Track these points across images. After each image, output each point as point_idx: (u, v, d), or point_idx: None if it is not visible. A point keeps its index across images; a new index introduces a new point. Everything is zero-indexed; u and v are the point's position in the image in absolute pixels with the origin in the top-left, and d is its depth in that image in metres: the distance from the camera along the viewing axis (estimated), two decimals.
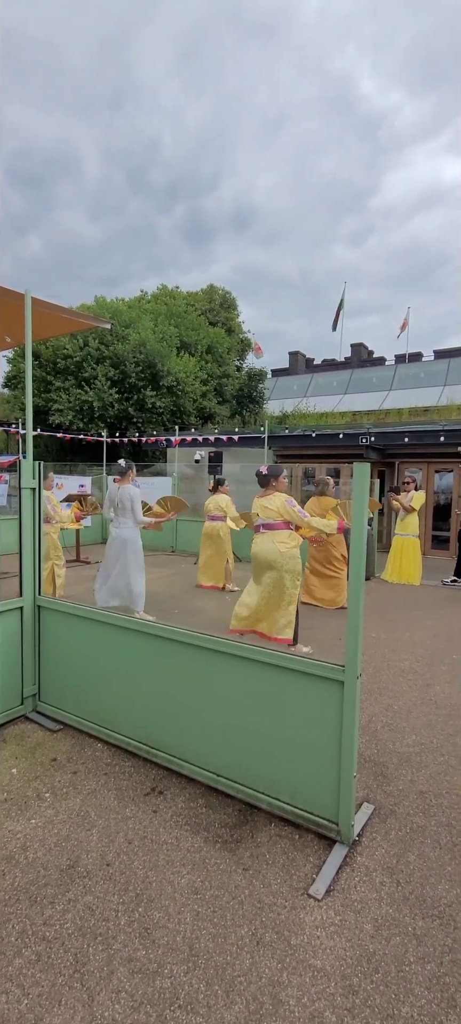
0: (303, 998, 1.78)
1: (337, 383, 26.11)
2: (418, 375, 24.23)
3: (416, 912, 2.15)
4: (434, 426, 13.67)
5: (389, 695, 4.36)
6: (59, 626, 3.68)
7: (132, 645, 3.25)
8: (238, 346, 27.30)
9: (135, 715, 3.27)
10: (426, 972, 1.89)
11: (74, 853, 2.42)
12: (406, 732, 3.72)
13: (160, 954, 1.92)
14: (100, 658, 3.43)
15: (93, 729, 3.48)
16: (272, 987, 1.81)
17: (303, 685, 2.59)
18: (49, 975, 1.83)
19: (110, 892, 2.20)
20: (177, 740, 3.08)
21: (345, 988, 1.82)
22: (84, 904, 2.14)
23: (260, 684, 2.74)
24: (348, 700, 2.45)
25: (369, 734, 3.67)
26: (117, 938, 1.99)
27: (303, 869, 2.37)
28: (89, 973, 1.84)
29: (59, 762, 3.18)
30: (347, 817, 2.49)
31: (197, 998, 1.76)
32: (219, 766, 2.91)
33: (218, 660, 2.88)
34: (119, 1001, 1.75)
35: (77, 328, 7.15)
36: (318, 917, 2.11)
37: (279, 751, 2.69)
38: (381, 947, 1.99)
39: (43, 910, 2.10)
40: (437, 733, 3.72)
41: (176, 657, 3.05)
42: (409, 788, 3.04)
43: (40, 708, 3.80)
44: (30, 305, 3.76)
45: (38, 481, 3.73)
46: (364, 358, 29.13)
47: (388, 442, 14.04)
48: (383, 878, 2.34)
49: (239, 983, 1.82)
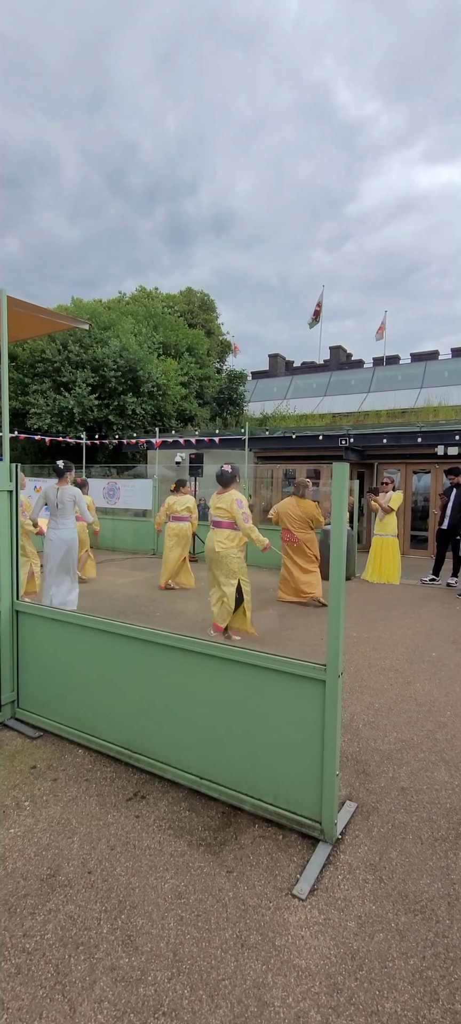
0: (288, 999, 1.77)
1: (316, 385, 26.32)
2: (396, 378, 24.57)
3: (399, 908, 2.17)
4: (412, 428, 13.88)
5: (370, 693, 4.39)
6: (38, 631, 3.62)
7: (113, 648, 3.22)
8: (218, 348, 27.33)
9: (116, 720, 3.23)
10: (409, 967, 1.90)
11: (55, 862, 2.38)
12: (387, 730, 3.76)
13: (143, 961, 1.90)
14: (80, 662, 3.39)
15: (74, 735, 3.43)
16: (257, 989, 1.80)
17: (285, 685, 2.59)
18: (29, 988, 1.79)
19: (92, 900, 2.17)
20: (159, 744, 3.05)
21: (329, 987, 1.82)
22: (65, 913, 2.10)
23: (242, 685, 2.73)
24: (330, 699, 2.46)
25: (351, 732, 3.69)
26: (99, 947, 1.95)
27: (287, 869, 2.36)
28: (71, 984, 1.81)
29: (39, 770, 3.13)
30: (330, 816, 2.50)
31: (181, 1004, 1.75)
32: (202, 769, 2.89)
33: (199, 662, 2.87)
34: (102, 1011, 1.72)
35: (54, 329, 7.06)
36: (302, 917, 2.11)
37: (262, 752, 2.69)
38: (365, 944, 1.99)
39: (23, 921, 2.06)
40: (418, 730, 3.76)
41: (157, 660, 3.03)
42: (391, 785, 3.07)
43: (19, 715, 3.73)
44: (6, 304, 3.70)
45: (15, 484, 3.66)
46: (343, 361, 29.42)
47: (367, 443, 14.21)
48: (366, 875, 2.35)
49: (224, 987, 1.81)
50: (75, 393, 17.84)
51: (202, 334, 24.54)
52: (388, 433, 13.81)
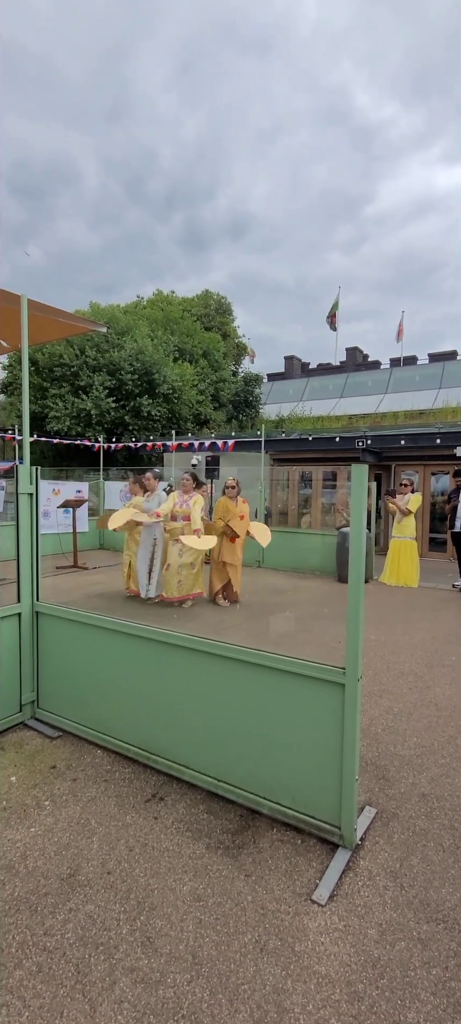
0: (308, 1005, 1.76)
1: (333, 387, 26.18)
2: (413, 378, 24.32)
3: (420, 916, 2.14)
4: (430, 429, 13.72)
5: (389, 697, 4.34)
6: (57, 632, 3.65)
7: (131, 650, 3.23)
8: (234, 351, 27.36)
9: (134, 721, 3.25)
10: (432, 977, 1.87)
11: (75, 861, 2.39)
12: (407, 735, 3.71)
13: (163, 963, 1.90)
14: (99, 663, 3.41)
15: (92, 736, 3.45)
16: (277, 995, 1.79)
17: (304, 688, 2.57)
18: (50, 986, 1.81)
19: (111, 901, 2.17)
20: (177, 745, 3.06)
21: (350, 995, 1.80)
22: (85, 913, 2.11)
23: (260, 687, 2.72)
24: (349, 703, 2.43)
25: (370, 737, 3.65)
26: (119, 947, 1.96)
27: (306, 874, 2.35)
28: (91, 984, 1.82)
29: (58, 769, 3.15)
30: (349, 821, 2.48)
31: (201, 1007, 1.74)
32: (220, 771, 2.89)
33: (217, 664, 2.87)
34: (122, 1012, 1.72)
35: (73, 332, 7.14)
36: (322, 923, 2.09)
37: (280, 755, 2.67)
38: (386, 952, 1.97)
39: (44, 920, 2.08)
40: (438, 735, 3.71)
41: (174, 661, 3.03)
42: (411, 791, 3.03)
43: (39, 715, 3.77)
44: (26, 308, 3.75)
45: (35, 487, 3.70)
46: (359, 362, 29.23)
47: (384, 445, 14.07)
48: (386, 882, 2.32)
49: (243, 991, 1.80)
50: (92, 396, 18.02)
51: (218, 337, 24.59)
52: (406, 435, 13.66)
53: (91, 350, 18.51)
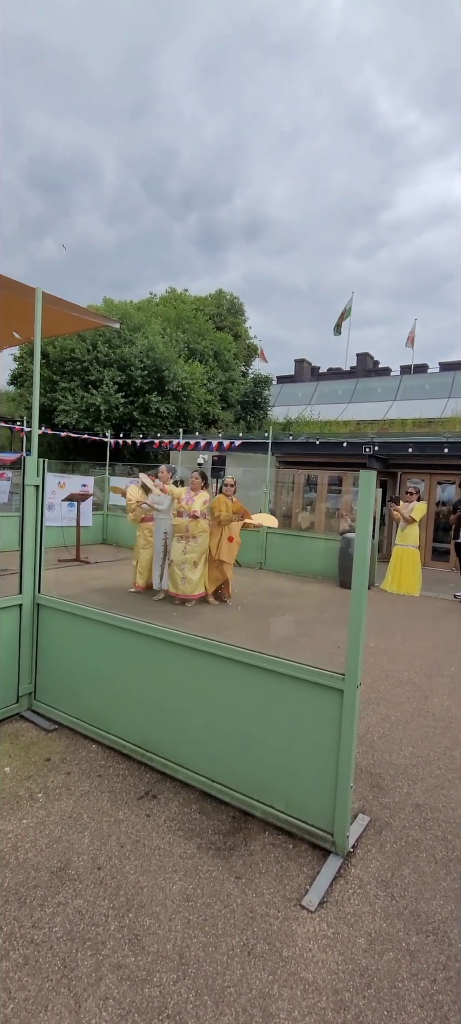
0: (294, 1012, 1.75)
1: (342, 392, 26.11)
2: (423, 387, 24.22)
3: (410, 927, 2.12)
4: (438, 438, 13.65)
5: (387, 705, 4.32)
6: (57, 625, 3.66)
7: (129, 646, 3.23)
8: (244, 352, 27.35)
9: (130, 717, 3.25)
10: (419, 989, 1.85)
11: (65, 855, 2.39)
12: (403, 744, 3.69)
13: (149, 962, 1.90)
14: (97, 658, 3.41)
15: (88, 730, 3.46)
16: (263, 999, 1.78)
17: (302, 692, 2.56)
18: (36, 979, 1.81)
19: (100, 896, 2.17)
20: (172, 743, 3.05)
21: (337, 1003, 1.79)
22: (74, 907, 2.11)
23: (258, 689, 2.71)
24: (347, 709, 2.42)
25: (366, 744, 3.63)
26: (106, 944, 1.96)
27: (296, 879, 2.34)
28: (77, 979, 1.82)
29: (53, 762, 3.16)
30: (342, 828, 2.46)
31: (186, 1008, 1.74)
32: (214, 771, 2.88)
33: (216, 664, 2.86)
34: (107, 1008, 1.72)
35: (86, 326, 7.15)
36: (310, 929, 2.08)
37: (275, 758, 2.67)
38: (374, 962, 1.95)
39: (32, 912, 2.08)
40: (434, 746, 3.68)
41: (173, 659, 3.03)
42: (405, 801, 3.01)
43: (35, 707, 3.77)
44: (41, 301, 3.76)
45: (42, 479, 3.71)
46: (369, 368, 29.14)
47: (391, 452, 14.02)
48: (377, 891, 2.31)
49: (229, 994, 1.79)
50: (102, 391, 18.07)
51: (229, 338, 24.58)
52: (414, 442, 13.60)
53: (103, 345, 18.56)
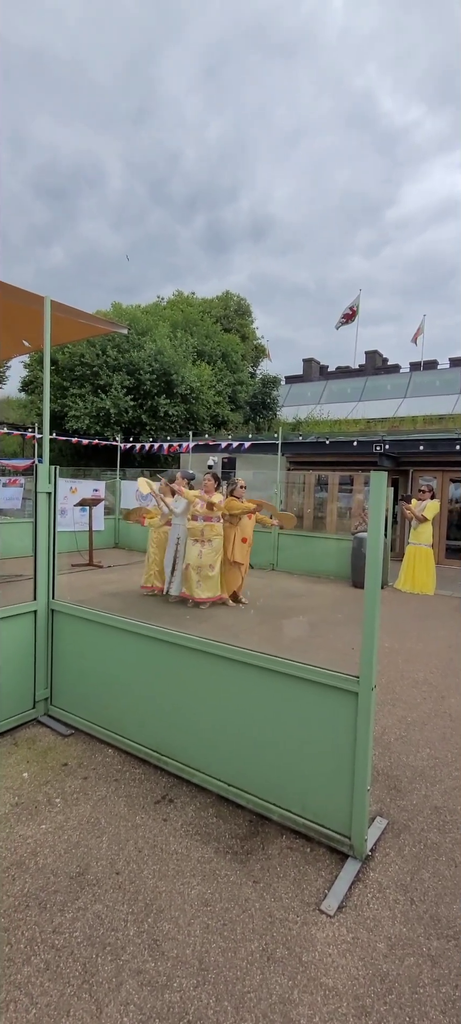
0: (314, 1017, 1.74)
1: (351, 390, 26.02)
2: (433, 383, 24.05)
3: (431, 932, 2.10)
4: (450, 434, 13.53)
5: (403, 707, 4.29)
6: (72, 630, 3.69)
7: (144, 651, 3.25)
8: (252, 353, 27.34)
9: (146, 721, 3.26)
10: (441, 995, 1.84)
11: (84, 860, 2.41)
12: (420, 745, 3.66)
13: (169, 967, 1.90)
14: (112, 663, 3.43)
15: (104, 735, 3.47)
16: (283, 1005, 1.78)
17: (317, 695, 2.56)
18: (58, 984, 1.82)
19: (119, 901, 2.18)
20: (188, 748, 3.06)
21: (358, 1009, 1.78)
22: (93, 913, 2.12)
23: (273, 693, 2.71)
24: (362, 711, 2.41)
25: (382, 746, 3.61)
26: (126, 949, 1.97)
27: (315, 884, 2.33)
28: (98, 984, 1.83)
29: (70, 767, 3.18)
30: (360, 831, 2.45)
31: (206, 1014, 1.74)
32: (230, 775, 2.88)
33: (230, 668, 2.86)
34: (128, 1014, 1.73)
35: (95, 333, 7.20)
36: (330, 934, 2.07)
37: (291, 762, 2.66)
38: (395, 967, 1.94)
39: (52, 917, 2.09)
40: (452, 747, 3.65)
41: (187, 663, 3.04)
42: (423, 803, 2.99)
43: (52, 712, 3.80)
44: (49, 310, 3.79)
45: (54, 486, 3.74)
46: (378, 366, 28.99)
47: (402, 450, 13.92)
48: (397, 895, 2.29)
49: (249, 1000, 1.79)
50: (111, 395, 18.18)
51: (237, 339, 24.60)
52: (425, 440, 13.49)
53: (112, 350, 18.68)
